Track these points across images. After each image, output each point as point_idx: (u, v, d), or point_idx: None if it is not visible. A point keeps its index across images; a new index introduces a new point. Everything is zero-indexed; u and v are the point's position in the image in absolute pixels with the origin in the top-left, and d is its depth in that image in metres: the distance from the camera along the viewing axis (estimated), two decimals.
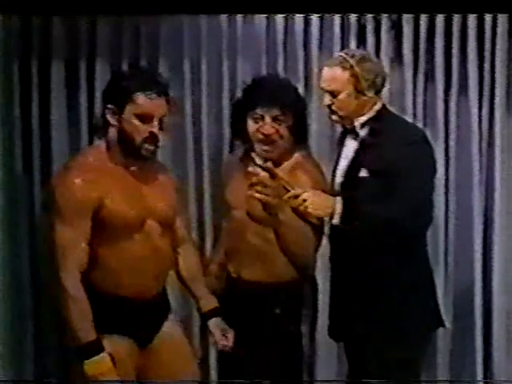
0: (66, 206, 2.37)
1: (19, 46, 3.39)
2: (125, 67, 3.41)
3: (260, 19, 3.40)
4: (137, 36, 3.42)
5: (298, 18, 3.40)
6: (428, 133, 2.83)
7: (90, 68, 3.43)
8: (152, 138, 2.43)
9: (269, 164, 2.55)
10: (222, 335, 2.70)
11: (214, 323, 2.71)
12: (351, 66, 2.62)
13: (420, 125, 3.29)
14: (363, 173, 2.62)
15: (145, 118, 2.41)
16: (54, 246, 2.40)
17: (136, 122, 2.41)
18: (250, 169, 2.52)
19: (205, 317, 2.74)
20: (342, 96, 2.64)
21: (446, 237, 3.50)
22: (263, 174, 2.48)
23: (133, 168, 2.50)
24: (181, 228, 2.76)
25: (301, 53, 3.43)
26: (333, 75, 2.66)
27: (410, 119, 3.21)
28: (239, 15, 3.38)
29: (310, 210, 2.53)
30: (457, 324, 3.49)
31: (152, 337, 2.59)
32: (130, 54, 3.43)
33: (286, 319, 2.72)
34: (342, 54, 2.72)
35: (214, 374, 3.49)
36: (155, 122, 2.43)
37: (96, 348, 2.37)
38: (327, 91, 2.68)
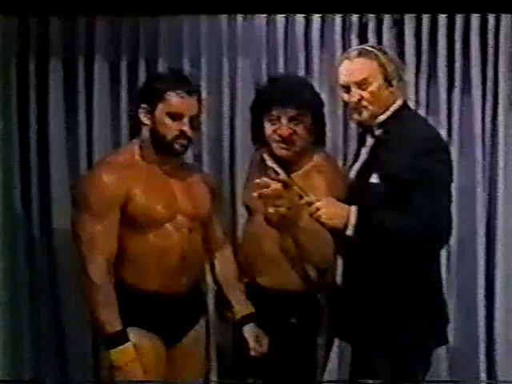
0: (95, 201, 2.44)
1: (17, 46, 3.35)
2: (123, 67, 3.39)
3: (260, 19, 3.36)
4: (136, 36, 3.38)
5: (299, 18, 3.35)
6: None
7: (89, 68, 3.39)
8: (182, 136, 2.50)
9: (282, 176, 2.48)
10: (256, 342, 2.69)
11: (249, 329, 2.69)
12: (376, 56, 2.53)
13: None
14: (374, 178, 2.51)
15: (175, 117, 2.49)
16: (80, 240, 2.45)
17: (167, 120, 2.49)
18: (258, 181, 2.42)
19: (239, 323, 2.71)
20: (373, 87, 2.54)
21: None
22: (275, 185, 2.40)
23: (165, 167, 2.56)
24: (218, 232, 2.79)
25: (302, 53, 3.39)
26: (360, 66, 2.55)
27: None
28: (239, 15, 3.35)
29: (323, 219, 2.42)
30: (459, 324, 3.47)
31: (180, 337, 2.62)
32: (129, 54, 3.40)
33: (302, 330, 2.68)
34: (363, 46, 2.62)
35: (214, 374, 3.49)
36: (185, 121, 2.49)
37: (121, 338, 2.43)
38: (355, 84, 2.56)
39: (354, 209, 2.45)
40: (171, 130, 2.49)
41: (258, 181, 2.43)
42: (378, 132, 2.59)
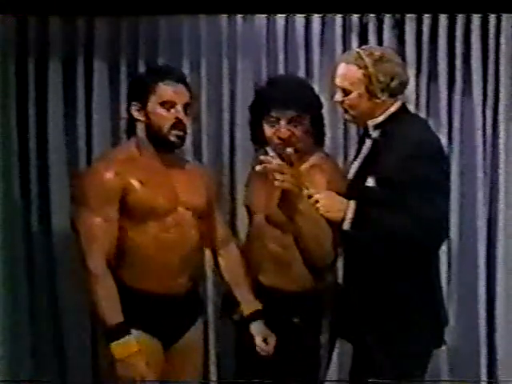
0: (93, 194, 2.44)
1: (16, 46, 3.35)
2: (123, 67, 3.38)
3: (260, 19, 3.35)
4: (135, 35, 3.38)
5: (299, 18, 3.34)
6: None
7: (88, 68, 3.38)
8: (178, 124, 2.51)
9: (288, 150, 2.44)
10: (262, 340, 2.68)
11: (255, 327, 2.69)
12: (365, 66, 2.51)
13: None
14: (370, 182, 2.51)
15: (168, 106, 2.50)
16: (79, 234, 2.46)
17: (161, 110, 2.51)
18: (262, 157, 2.42)
19: (247, 320, 2.70)
20: (352, 95, 2.55)
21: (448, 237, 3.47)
22: (278, 161, 2.39)
23: (164, 160, 2.56)
24: (221, 228, 2.79)
25: (302, 53, 3.38)
26: (346, 72, 2.56)
27: None
28: (239, 15, 3.34)
29: (321, 211, 2.45)
30: (460, 324, 3.48)
31: (177, 339, 2.61)
32: (129, 54, 3.39)
33: (305, 329, 2.67)
34: (360, 50, 2.58)
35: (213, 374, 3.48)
36: (179, 108, 2.51)
37: (123, 330, 2.42)
38: (339, 87, 2.58)
39: (352, 203, 2.47)
40: (166, 120, 2.50)
41: (262, 157, 2.42)
42: (375, 133, 2.59)
